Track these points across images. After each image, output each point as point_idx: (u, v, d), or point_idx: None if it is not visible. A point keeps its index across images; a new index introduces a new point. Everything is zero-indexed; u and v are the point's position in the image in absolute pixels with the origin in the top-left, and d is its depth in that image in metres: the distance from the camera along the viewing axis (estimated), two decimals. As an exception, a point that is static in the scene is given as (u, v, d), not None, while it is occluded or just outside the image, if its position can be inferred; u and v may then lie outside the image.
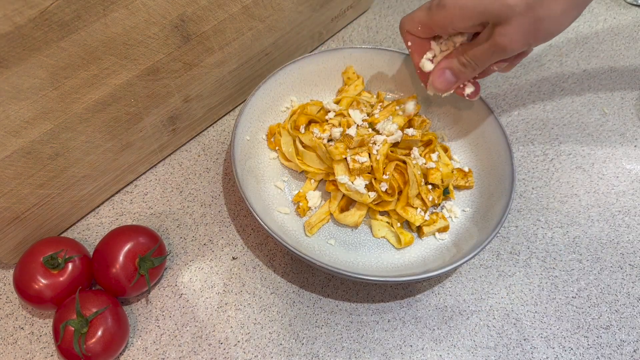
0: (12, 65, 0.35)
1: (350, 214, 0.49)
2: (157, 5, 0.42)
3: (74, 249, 0.44)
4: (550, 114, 0.62)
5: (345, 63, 0.57)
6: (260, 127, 0.54)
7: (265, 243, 0.50)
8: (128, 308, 0.46)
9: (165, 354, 0.44)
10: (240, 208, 0.52)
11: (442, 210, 0.52)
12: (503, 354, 0.45)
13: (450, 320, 0.47)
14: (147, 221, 0.51)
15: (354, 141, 0.48)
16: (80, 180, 0.46)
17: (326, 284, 0.48)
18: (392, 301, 0.48)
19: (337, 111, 0.53)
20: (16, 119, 0.38)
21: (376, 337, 0.46)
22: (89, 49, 0.39)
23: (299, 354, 0.44)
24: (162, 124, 0.51)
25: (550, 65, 0.66)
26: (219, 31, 0.49)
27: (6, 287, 0.46)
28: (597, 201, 0.55)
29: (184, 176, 0.54)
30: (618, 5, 0.74)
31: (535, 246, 0.52)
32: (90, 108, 0.43)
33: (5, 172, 0.40)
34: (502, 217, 0.46)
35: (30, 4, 0.34)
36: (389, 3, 0.72)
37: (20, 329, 0.44)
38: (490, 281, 0.49)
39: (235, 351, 0.44)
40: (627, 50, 0.68)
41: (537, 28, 0.39)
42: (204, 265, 0.49)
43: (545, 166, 0.57)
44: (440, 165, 0.50)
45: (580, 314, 0.48)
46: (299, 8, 0.56)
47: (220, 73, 0.53)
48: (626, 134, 0.60)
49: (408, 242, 0.49)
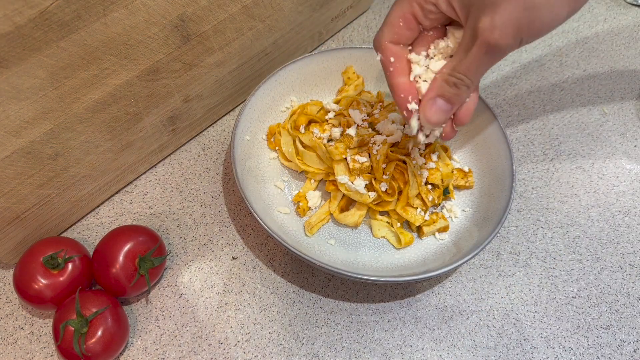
0: (12, 65, 0.35)
1: (350, 214, 0.49)
2: (157, 5, 0.42)
3: (74, 249, 0.44)
4: (550, 114, 0.62)
5: (345, 63, 0.57)
6: (260, 127, 0.54)
7: (265, 243, 0.50)
8: (128, 308, 0.46)
9: (165, 354, 0.44)
10: (240, 208, 0.52)
11: (442, 210, 0.52)
12: (503, 354, 0.45)
13: (450, 320, 0.47)
14: (147, 221, 0.51)
15: (354, 141, 0.48)
16: (80, 180, 0.46)
17: (326, 284, 0.48)
18: (392, 301, 0.48)
19: (337, 111, 0.53)
20: (16, 119, 0.38)
21: (376, 337, 0.46)
22: (89, 49, 0.39)
23: (299, 354, 0.44)
24: (162, 124, 0.51)
25: (550, 65, 0.66)
26: (219, 31, 0.49)
27: (6, 287, 0.46)
28: (597, 201, 0.55)
29: (184, 176, 0.54)
30: (618, 5, 0.74)
31: (535, 246, 0.52)
32: (90, 108, 0.43)
33: (5, 172, 0.40)
34: (502, 217, 0.46)
35: (30, 4, 0.34)
36: (389, 3, 0.72)
37: (20, 329, 0.44)
38: (490, 281, 0.49)
39: (235, 351, 0.44)
40: (627, 50, 0.68)
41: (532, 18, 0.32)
42: (204, 265, 0.49)
43: (545, 166, 0.57)
44: (440, 165, 0.50)
45: (580, 314, 0.48)
46: (299, 8, 0.56)
47: (220, 73, 0.53)
48: (626, 134, 0.60)
49: (408, 242, 0.49)
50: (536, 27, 0.33)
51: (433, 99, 0.38)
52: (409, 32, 0.38)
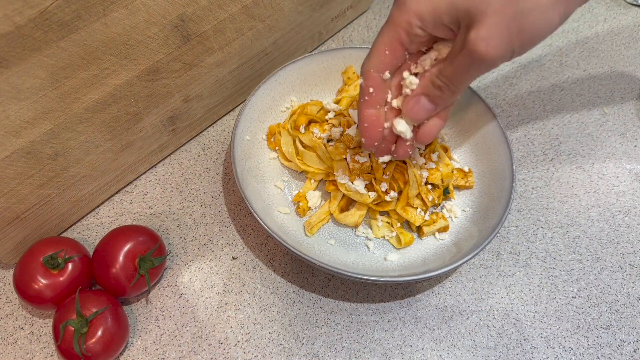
0: (12, 65, 0.35)
1: (350, 214, 0.49)
2: (157, 5, 0.42)
3: (74, 249, 0.44)
4: (550, 114, 0.62)
5: (345, 63, 0.57)
6: (260, 127, 0.54)
7: (265, 243, 0.50)
8: (128, 308, 0.46)
9: (165, 354, 0.44)
10: (240, 208, 0.52)
11: (442, 210, 0.52)
12: (503, 354, 0.45)
13: (450, 320, 0.47)
14: (147, 221, 0.51)
15: (354, 141, 0.48)
16: (80, 180, 0.46)
17: (326, 284, 0.48)
18: (392, 301, 0.48)
19: (337, 111, 0.53)
20: (16, 119, 0.38)
21: (376, 337, 0.46)
22: (89, 49, 0.39)
23: (299, 354, 0.44)
24: (162, 124, 0.51)
25: (550, 65, 0.66)
26: (219, 31, 0.49)
27: (6, 287, 0.46)
28: (597, 201, 0.55)
29: (184, 176, 0.54)
30: (618, 5, 0.74)
31: (535, 246, 0.52)
32: (90, 108, 0.43)
33: (5, 172, 0.40)
34: (502, 217, 0.46)
35: (30, 4, 0.34)
36: (388, 3, 0.72)
37: (20, 329, 0.44)
38: (490, 281, 0.49)
39: (235, 351, 0.44)
40: (627, 50, 0.68)
41: (521, 25, 0.31)
42: (204, 265, 0.49)
43: (545, 166, 0.57)
44: (440, 165, 0.50)
45: (580, 314, 0.48)
46: (299, 8, 0.56)
47: (220, 73, 0.53)
48: (626, 134, 0.60)
49: (408, 242, 0.49)
50: (527, 35, 0.32)
51: (418, 97, 0.38)
52: (395, 60, 0.38)
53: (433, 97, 0.37)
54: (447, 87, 0.36)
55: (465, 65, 0.33)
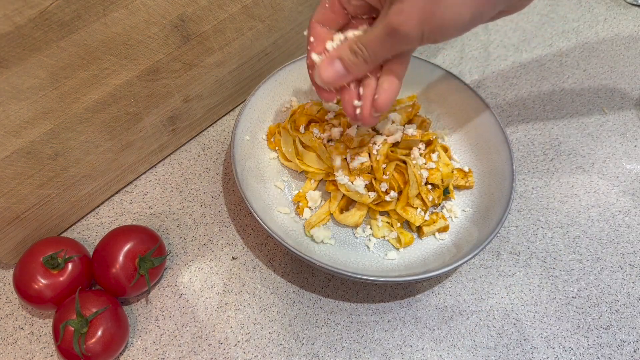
0: (12, 65, 0.35)
1: (350, 214, 0.49)
2: (157, 5, 0.42)
3: (74, 249, 0.44)
4: (550, 114, 0.62)
5: (345, 63, 0.57)
6: (260, 127, 0.54)
7: (265, 243, 0.50)
8: (128, 308, 0.46)
9: (165, 354, 0.44)
10: (240, 208, 0.52)
11: (442, 210, 0.52)
12: (503, 354, 0.45)
13: (450, 320, 0.47)
14: (147, 221, 0.51)
15: (354, 141, 0.48)
16: (80, 180, 0.46)
17: (326, 284, 0.48)
18: (392, 301, 0.48)
19: (337, 111, 0.53)
20: (16, 119, 0.38)
21: (376, 337, 0.46)
22: (89, 49, 0.39)
23: (299, 354, 0.44)
24: (162, 124, 0.51)
25: (550, 65, 0.66)
26: (219, 31, 0.49)
27: (6, 287, 0.46)
28: (597, 201, 0.55)
29: (184, 176, 0.54)
30: (618, 5, 0.74)
31: (535, 246, 0.52)
32: (90, 108, 0.43)
33: (5, 172, 0.40)
34: (502, 217, 0.46)
35: (30, 4, 0.34)
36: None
37: (20, 329, 0.44)
38: (490, 281, 0.49)
39: (235, 351, 0.44)
40: (627, 50, 0.68)
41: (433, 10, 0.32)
42: (204, 265, 0.49)
43: (545, 166, 0.57)
44: (440, 165, 0.50)
45: (580, 314, 0.48)
46: (299, 8, 0.56)
47: (220, 73, 0.53)
48: (626, 134, 0.60)
49: (408, 242, 0.49)
50: (437, 22, 0.33)
51: (332, 59, 0.39)
52: (334, 15, 0.40)
53: (347, 62, 0.38)
54: (361, 53, 0.37)
55: (381, 36, 0.35)
